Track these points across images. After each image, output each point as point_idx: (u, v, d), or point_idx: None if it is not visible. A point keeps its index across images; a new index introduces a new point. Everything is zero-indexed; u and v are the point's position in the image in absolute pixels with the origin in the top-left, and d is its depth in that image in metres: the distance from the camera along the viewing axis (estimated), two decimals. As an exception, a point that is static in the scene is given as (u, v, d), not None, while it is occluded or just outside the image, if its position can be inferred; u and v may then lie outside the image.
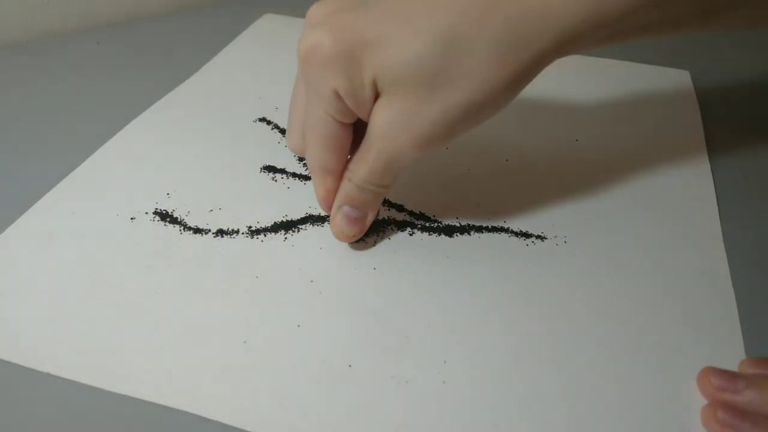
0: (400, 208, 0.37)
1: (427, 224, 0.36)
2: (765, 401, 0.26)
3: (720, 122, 0.45)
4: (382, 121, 0.28)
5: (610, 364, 0.29)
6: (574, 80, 0.49)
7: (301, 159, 0.40)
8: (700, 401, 0.27)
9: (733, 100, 0.48)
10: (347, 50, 0.27)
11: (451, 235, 0.35)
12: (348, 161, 0.31)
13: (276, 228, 0.35)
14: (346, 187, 0.31)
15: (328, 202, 0.32)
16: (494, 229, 0.36)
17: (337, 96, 0.28)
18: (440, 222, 0.36)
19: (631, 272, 0.33)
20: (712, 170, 0.40)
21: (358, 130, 0.30)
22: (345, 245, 0.34)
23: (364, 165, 0.30)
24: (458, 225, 0.36)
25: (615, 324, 0.30)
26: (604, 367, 0.29)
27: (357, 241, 0.34)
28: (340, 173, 0.31)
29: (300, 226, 0.35)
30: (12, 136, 0.42)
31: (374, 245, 0.34)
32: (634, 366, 0.29)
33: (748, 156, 0.42)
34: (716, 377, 0.27)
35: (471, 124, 0.29)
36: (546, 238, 0.35)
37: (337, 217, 0.32)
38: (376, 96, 0.28)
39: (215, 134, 0.43)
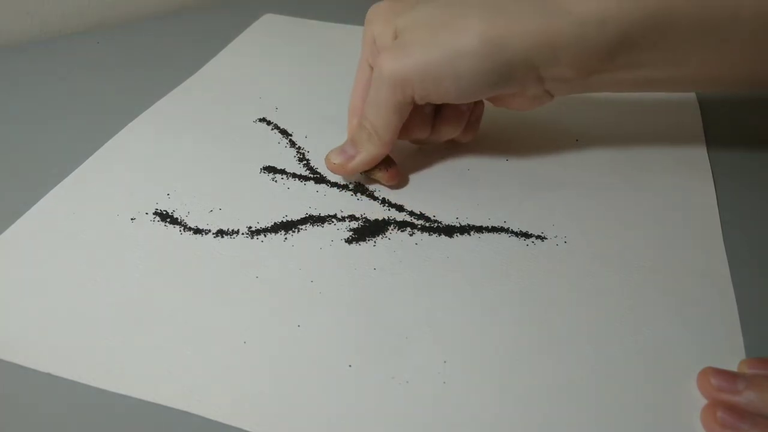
0: (400, 208, 0.37)
1: (427, 224, 0.36)
2: (764, 401, 0.26)
3: (720, 123, 0.45)
4: (384, 53, 0.34)
5: (609, 364, 0.29)
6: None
7: (301, 160, 0.41)
8: (700, 401, 0.27)
9: (733, 100, 0.48)
10: (389, 11, 0.35)
11: (451, 235, 0.35)
12: None
13: (276, 228, 0.35)
14: (354, 127, 0.38)
15: None
16: (494, 229, 0.36)
17: (374, 42, 0.36)
18: (440, 222, 0.36)
19: (631, 272, 0.33)
20: (712, 170, 0.40)
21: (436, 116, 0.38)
22: (345, 245, 0.34)
23: (367, 100, 0.36)
24: (458, 225, 0.36)
25: (615, 324, 0.30)
26: (603, 367, 0.29)
27: (357, 242, 0.34)
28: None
29: (300, 226, 0.35)
30: (12, 136, 0.42)
31: (374, 245, 0.34)
32: (634, 366, 0.29)
33: (748, 156, 0.42)
34: (716, 377, 0.27)
35: (446, 75, 0.33)
36: (546, 238, 0.35)
37: (335, 148, 0.38)
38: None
39: (215, 134, 0.43)
